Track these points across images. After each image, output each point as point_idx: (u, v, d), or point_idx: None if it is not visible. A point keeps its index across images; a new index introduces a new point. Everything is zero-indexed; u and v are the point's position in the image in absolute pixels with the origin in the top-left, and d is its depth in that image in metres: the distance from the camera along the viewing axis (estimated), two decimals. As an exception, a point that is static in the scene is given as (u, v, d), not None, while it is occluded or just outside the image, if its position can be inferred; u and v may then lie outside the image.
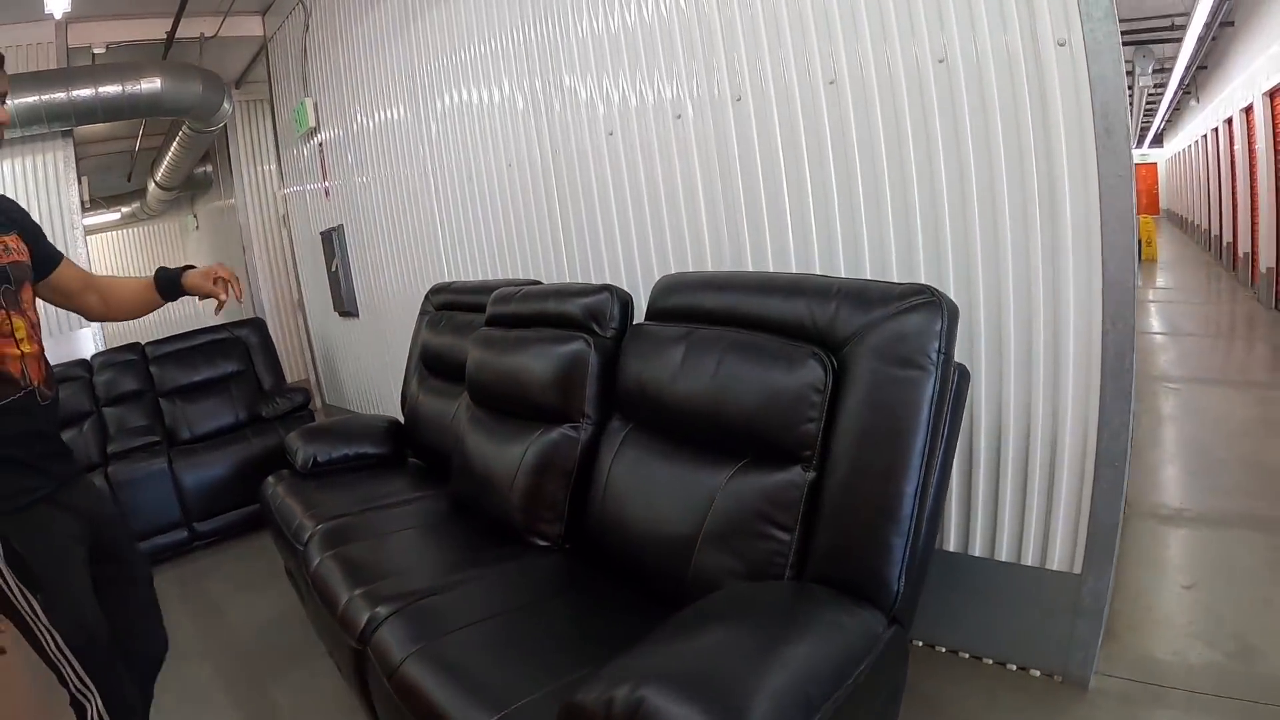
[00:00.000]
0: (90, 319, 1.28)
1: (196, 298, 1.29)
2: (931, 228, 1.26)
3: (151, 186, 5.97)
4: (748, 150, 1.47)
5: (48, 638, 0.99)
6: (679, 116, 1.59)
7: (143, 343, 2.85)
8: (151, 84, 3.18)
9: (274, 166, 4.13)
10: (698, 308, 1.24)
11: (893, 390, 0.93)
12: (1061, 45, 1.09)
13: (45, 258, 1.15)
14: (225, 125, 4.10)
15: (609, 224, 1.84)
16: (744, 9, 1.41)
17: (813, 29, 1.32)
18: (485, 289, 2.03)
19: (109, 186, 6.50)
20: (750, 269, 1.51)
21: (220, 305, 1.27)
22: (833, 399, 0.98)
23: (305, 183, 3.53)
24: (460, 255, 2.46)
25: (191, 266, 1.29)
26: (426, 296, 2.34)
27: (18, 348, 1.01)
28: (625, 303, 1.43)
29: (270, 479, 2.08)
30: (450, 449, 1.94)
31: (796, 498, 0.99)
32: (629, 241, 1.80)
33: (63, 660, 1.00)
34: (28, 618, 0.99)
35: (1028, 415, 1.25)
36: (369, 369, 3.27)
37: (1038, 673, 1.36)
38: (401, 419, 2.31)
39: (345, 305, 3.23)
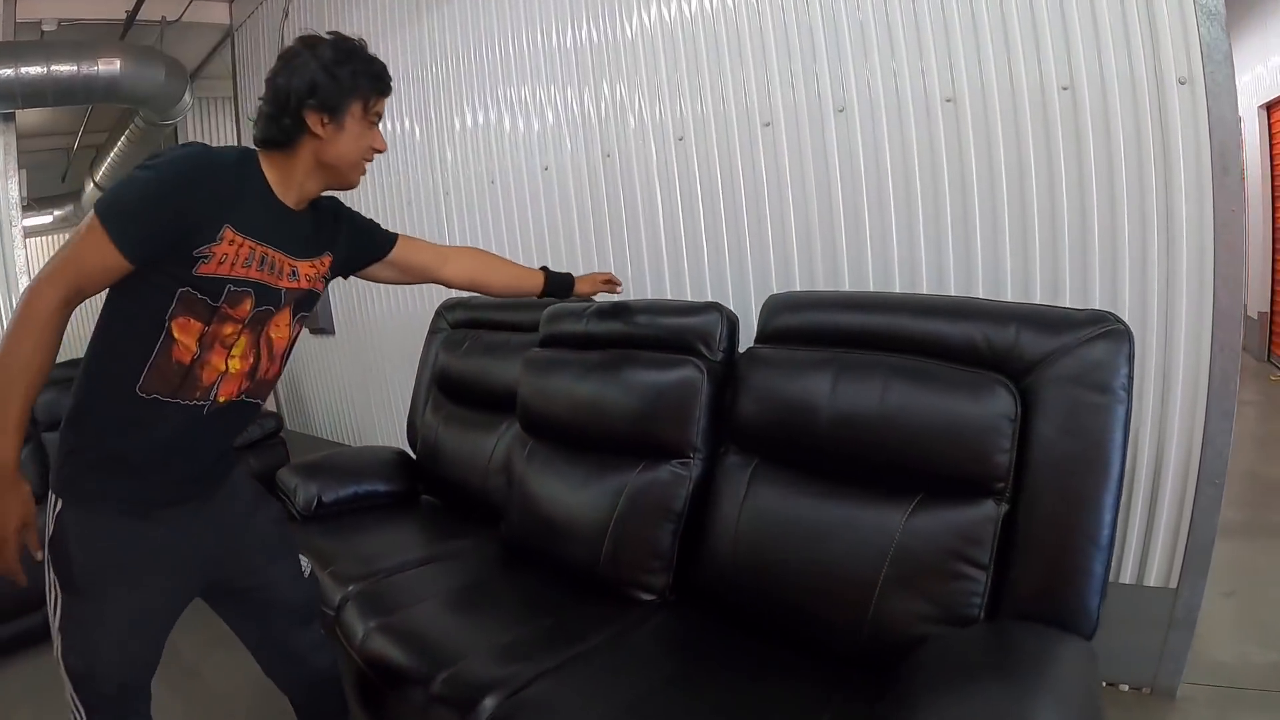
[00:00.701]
0: (452, 287, 1.35)
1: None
2: (1050, 251, 1.31)
3: (89, 188, 5.49)
4: (850, 164, 1.47)
5: (56, 641, 0.95)
6: (767, 124, 1.57)
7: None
8: (110, 66, 2.88)
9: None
10: (833, 329, 1.21)
11: (1090, 417, 0.95)
12: (1183, 83, 1.18)
13: (375, 247, 1.19)
14: (177, 121, 3.81)
15: (674, 236, 1.78)
16: (852, 13, 1.42)
17: (930, 43, 1.35)
18: (520, 304, 1.90)
19: (42, 187, 6.08)
20: (847, 289, 1.51)
21: None
22: (1021, 428, 0.98)
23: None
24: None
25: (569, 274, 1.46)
26: (439, 313, 2.16)
27: (225, 363, 0.96)
28: (734, 323, 1.37)
29: (260, 526, 1.80)
30: (482, 486, 1.78)
31: (991, 532, 0.98)
32: (697, 255, 1.74)
33: (64, 673, 0.95)
34: (49, 612, 0.95)
35: (1135, 437, 1.33)
36: (347, 392, 2.96)
37: (1126, 687, 1.44)
38: (406, 449, 2.11)
39: (319, 322, 2.91)
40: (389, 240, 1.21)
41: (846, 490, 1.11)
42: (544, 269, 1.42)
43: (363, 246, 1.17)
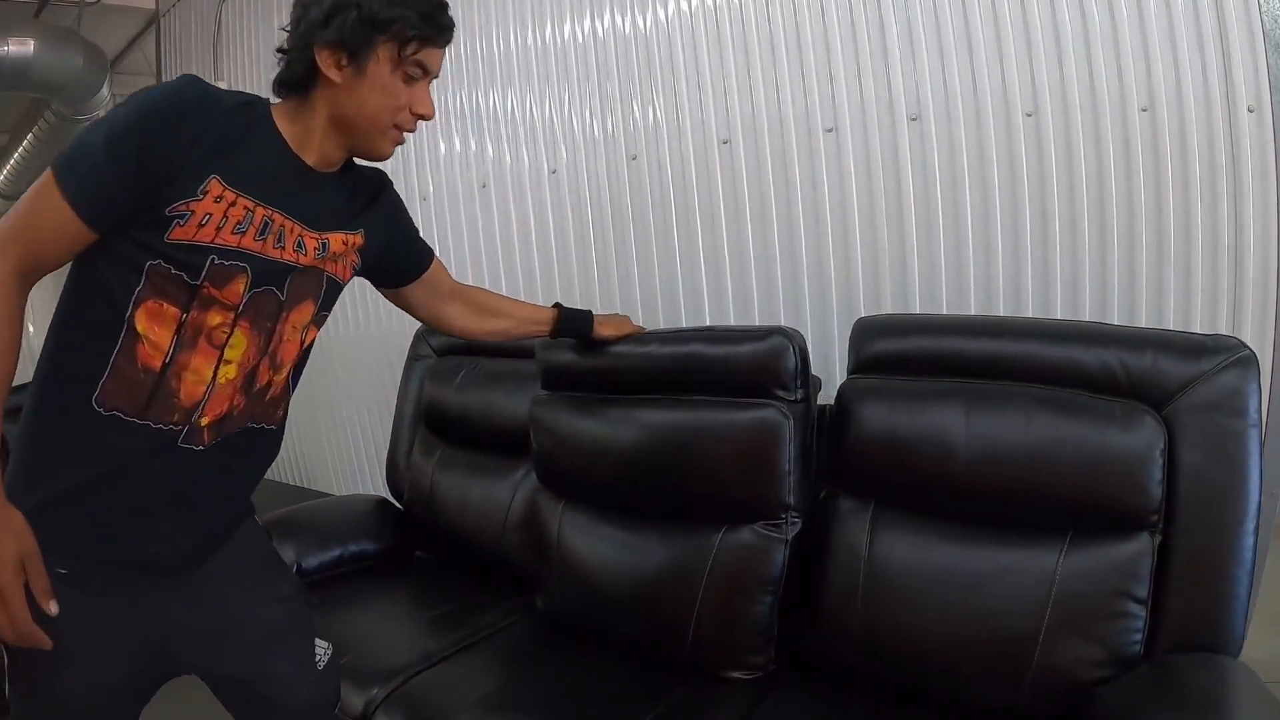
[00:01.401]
0: (447, 333, 1.24)
1: None
2: (1127, 272, 1.43)
3: (-12, 193, 5.01)
4: (924, 176, 1.52)
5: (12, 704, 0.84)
6: (830, 130, 1.59)
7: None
8: (22, 47, 2.73)
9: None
10: (949, 356, 1.25)
11: (1232, 444, 1.05)
12: (1251, 111, 1.33)
13: (417, 255, 1.09)
14: (93, 117, 3.50)
15: (715, 250, 1.75)
16: (927, 15, 1.47)
17: (1012, 52, 1.42)
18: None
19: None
20: (917, 311, 1.55)
21: None
22: (1169, 457, 1.05)
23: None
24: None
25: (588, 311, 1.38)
26: (419, 337, 2.00)
27: (216, 371, 0.79)
28: (805, 351, 1.32)
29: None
30: (497, 543, 1.66)
31: (1149, 566, 1.05)
32: (742, 273, 1.73)
33: None
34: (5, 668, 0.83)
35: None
36: (294, 422, 2.62)
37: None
38: (386, 495, 1.93)
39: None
40: (428, 252, 1.11)
41: (989, 533, 1.14)
42: (557, 305, 1.35)
43: (403, 244, 1.05)
